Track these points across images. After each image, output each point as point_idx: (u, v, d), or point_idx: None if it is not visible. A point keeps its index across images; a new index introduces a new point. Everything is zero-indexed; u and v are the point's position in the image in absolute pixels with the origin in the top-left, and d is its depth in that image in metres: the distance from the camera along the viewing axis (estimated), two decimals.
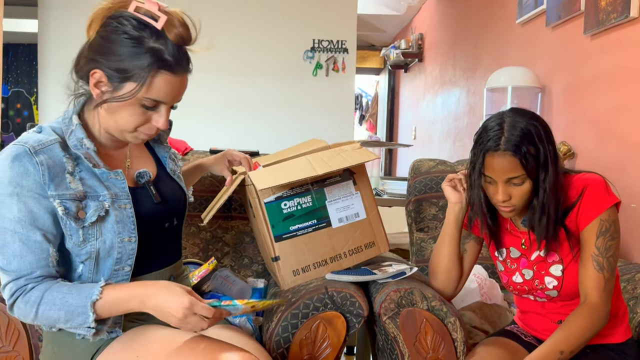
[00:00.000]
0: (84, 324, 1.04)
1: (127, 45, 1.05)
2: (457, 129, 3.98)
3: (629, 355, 1.27)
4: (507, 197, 1.22)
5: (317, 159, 1.44)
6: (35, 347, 1.26)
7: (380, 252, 1.54)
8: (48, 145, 1.07)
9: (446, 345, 1.27)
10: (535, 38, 2.71)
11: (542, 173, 1.20)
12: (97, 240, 1.10)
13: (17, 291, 1.04)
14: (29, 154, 1.04)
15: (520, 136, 1.18)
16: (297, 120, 4.07)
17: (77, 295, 1.05)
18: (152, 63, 1.05)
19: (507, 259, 1.36)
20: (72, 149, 1.10)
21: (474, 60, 3.70)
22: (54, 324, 1.07)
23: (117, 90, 1.07)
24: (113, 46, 1.05)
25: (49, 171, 1.05)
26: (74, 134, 1.11)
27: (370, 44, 6.87)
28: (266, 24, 4.01)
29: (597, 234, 1.20)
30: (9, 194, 1.03)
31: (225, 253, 1.82)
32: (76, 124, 1.12)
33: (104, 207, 1.10)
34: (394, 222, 2.51)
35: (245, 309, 1.09)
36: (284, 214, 1.44)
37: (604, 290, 1.19)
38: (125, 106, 1.08)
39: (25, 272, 1.04)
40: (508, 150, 1.18)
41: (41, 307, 1.04)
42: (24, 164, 1.03)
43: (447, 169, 1.98)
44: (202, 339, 1.09)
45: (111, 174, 1.13)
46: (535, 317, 1.36)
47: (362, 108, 7.50)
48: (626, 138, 1.90)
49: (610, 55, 2.04)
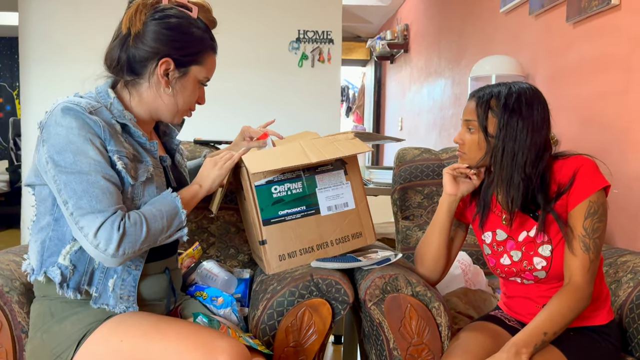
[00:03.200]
0: (180, 224, 1.18)
1: (189, 32, 1.19)
2: (443, 119, 3.99)
3: (611, 336, 1.29)
4: (460, 140, 1.34)
5: (311, 146, 1.44)
6: (19, 339, 1.25)
7: (366, 243, 1.54)
8: (98, 108, 1.14)
9: (431, 330, 1.28)
10: (519, 27, 2.72)
11: (501, 134, 1.25)
12: (140, 200, 1.17)
13: (121, 222, 1.07)
14: (85, 114, 1.09)
15: (491, 92, 1.28)
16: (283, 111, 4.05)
17: (164, 204, 1.17)
18: (207, 46, 1.23)
19: (494, 242, 1.37)
20: (117, 118, 1.17)
21: (458, 50, 3.71)
22: (158, 238, 1.14)
23: (184, 74, 1.21)
24: (179, 35, 1.18)
25: (108, 130, 1.12)
26: (114, 106, 1.18)
27: (356, 35, 6.86)
28: (251, 14, 3.98)
29: (585, 215, 1.22)
30: (82, 140, 1.07)
31: (211, 243, 1.82)
32: (113, 97, 1.19)
33: (149, 171, 1.18)
34: (381, 211, 2.52)
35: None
36: (273, 198, 1.44)
37: (589, 270, 1.21)
38: (188, 86, 1.23)
39: (118, 205, 1.09)
40: (474, 96, 1.31)
41: (150, 223, 1.11)
42: (84, 119, 1.09)
43: (432, 157, 1.99)
44: (187, 324, 1.10)
45: (149, 144, 1.23)
46: (521, 301, 1.38)
47: (349, 100, 7.49)
48: (609, 124, 1.92)
49: (593, 43, 2.05)
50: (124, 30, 1.17)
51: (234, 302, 1.43)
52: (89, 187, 1.06)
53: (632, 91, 1.82)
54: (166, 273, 1.28)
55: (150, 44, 1.17)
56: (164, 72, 1.19)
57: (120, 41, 1.19)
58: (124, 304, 1.17)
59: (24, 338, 1.25)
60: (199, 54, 1.22)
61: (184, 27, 1.19)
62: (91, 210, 1.05)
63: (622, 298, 1.41)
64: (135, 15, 1.16)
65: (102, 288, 1.16)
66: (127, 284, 1.17)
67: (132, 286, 1.18)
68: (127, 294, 1.17)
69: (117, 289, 1.16)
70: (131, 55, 1.18)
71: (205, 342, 1.03)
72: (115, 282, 1.16)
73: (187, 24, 1.20)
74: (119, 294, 1.16)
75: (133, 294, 1.18)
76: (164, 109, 1.24)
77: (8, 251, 1.45)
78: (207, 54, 1.23)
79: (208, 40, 1.24)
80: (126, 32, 1.17)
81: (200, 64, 1.23)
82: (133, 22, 1.16)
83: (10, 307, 1.25)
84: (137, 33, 1.16)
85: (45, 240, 1.17)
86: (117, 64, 1.19)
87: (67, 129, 1.07)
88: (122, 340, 1.07)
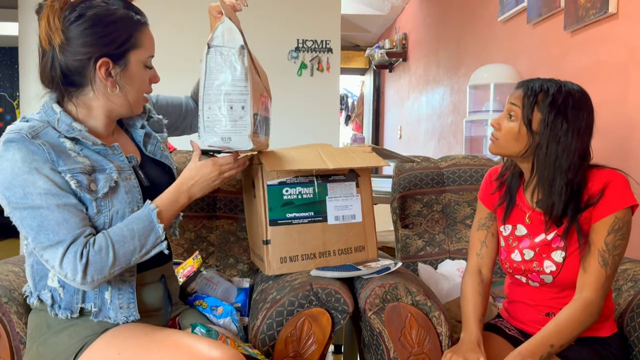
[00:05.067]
0: (157, 239, 1.12)
1: (112, 21, 1.10)
2: (442, 127, 4.00)
3: (613, 347, 1.29)
4: (497, 125, 1.29)
5: (328, 153, 1.45)
6: (17, 350, 1.24)
7: (368, 258, 1.54)
8: (42, 130, 1.08)
9: (431, 340, 1.28)
10: (517, 35, 2.74)
11: (545, 133, 1.21)
12: (110, 211, 1.12)
13: (84, 249, 1.03)
14: (27, 139, 1.04)
15: (541, 86, 1.23)
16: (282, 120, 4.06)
17: (138, 221, 1.11)
18: (134, 24, 1.13)
19: (511, 236, 1.35)
20: (65, 133, 1.11)
21: (457, 58, 3.72)
22: (131, 259, 1.09)
23: (125, 65, 1.13)
24: (103, 29, 1.09)
25: (53, 150, 1.05)
26: (61, 121, 1.12)
27: (355, 44, 6.89)
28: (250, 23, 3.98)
29: (609, 230, 1.19)
30: (28, 171, 1.02)
31: (210, 253, 1.81)
32: (59, 111, 1.12)
33: (112, 179, 1.13)
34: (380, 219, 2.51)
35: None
36: (284, 199, 1.44)
37: (602, 286, 1.19)
38: (134, 76, 1.15)
39: (78, 232, 1.04)
40: (522, 86, 1.26)
41: (116, 247, 1.06)
42: (27, 146, 1.03)
43: (431, 165, 1.99)
44: (185, 335, 1.09)
45: (109, 149, 1.17)
46: (523, 308, 1.37)
47: (348, 108, 7.52)
48: (606, 132, 1.92)
49: (590, 51, 2.06)
50: (45, 47, 1.09)
51: (234, 312, 1.43)
52: (44, 222, 1.02)
53: (630, 99, 1.82)
54: (162, 281, 1.27)
55: (79, 50, 1.08)
56: (105, 74, 1.11)
57: (48, 59, 1.10)
58: (124, 314, 1.15)
59: (22, 349, 1.24)
60: (132, 37, 1.12)
61: (104, 16, 1.09)
62: (50, 244, 1.03)
63: (622, 306, 1.41)
64: (50, 26, 1.06)
65: (100, 302, 1.15)
66: (124, 292, 1.16)
67: (130, 293, 1.17)
68: (126, 302, 1.16)
69: (115, 300, 1.15)
70: (64, 68, 1.10)
71: (201, 353, 1.03)
72: (112, 293, 1.15)
73: (105, 11, 1.09)
74: (117, 304, 1.15)
75: (133, 301, 1.17)
76: (119, 109, 1.18)
77: (7, 261, 1.44)
78: (139, 33, 1.14)
79: (134, 17, 1.13)
80: (49, 48, 1.09)
81: (138, 47, 1.14)
82: (50, 35, 1.07)
83: (8, 317, 1.25)
84: (61, 44, 1.07)
85: (34, 264, 1.17)
86: (52, 81, 1.12)
87: (11, 163, 1.02)
88: (119, 352, 1.06)
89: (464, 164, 1.98)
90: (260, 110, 1.28)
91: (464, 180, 1.95)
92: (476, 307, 1.32)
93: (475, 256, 1.41)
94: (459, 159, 2.02)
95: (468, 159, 2.01)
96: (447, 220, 1.95)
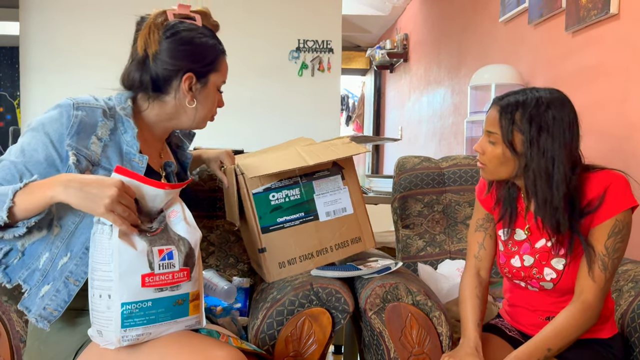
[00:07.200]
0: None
1: (201, 43, 1.22)
2: (443, 127, 4.00)
3: (614, 348, 1.28)
4: (481, 150, 1.26)
5: (307, 150, 1.45)
6: (17, 349, 1.24)
7: (366, 248, 1.54)
8: (92, 107, 1.14)
9: (432, 340, 1.27)
10: (518, 36, 2.74)
11: (530, 153, 1.17)
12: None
13: None
14: (70, 107, 1.11)
15: (516, 102, 1.19)
16: (283, 120, 4.07)
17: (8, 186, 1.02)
18: (219, 51, 1.27)
19: (510, 240, 1.34)
20: (122, 118, 1.17)
21: (458, 59, 3.72)
22: None
23: (205, 84, 1.24)
24: (194, 48, 1.21)
25: (78, 125, 1.10)
26: (126, 111, 1.19)
27: (355, 45, 6.89)
28: (251, 24, 4.00)
29: (609, 234, 1.18)
30: (32, 129, 1.10)
31: (210, 252, 1.81)
32: (129, 105, 1.20)
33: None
34: (381, 220, 2.51)
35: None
36: (271, 205, 1.44)
37: (602, 289, 1.18)
38: (209, 95, 1.26)
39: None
40: (496, 105, 1.22)
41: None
42: (61, 111, 1.11)
43: (432, 166, 1.99)
44: (187, 333, 1.09)
45: (137, 156, 1.17)
46: (523, 312, 1.36)
47: (348, 109, 7.51)
48: (607, 133, 1.92)
49: (591, 52, 2.06)
50: (140, 52, 1.19)
51: (233, 312, 1.43)
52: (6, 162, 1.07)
53: (631, 99, 1.82)
54: None
55: (171, 61, 1.19)
56: (188, 87, 1.21)
57: (138, 63, 1.21)
58: (42, 316, 1.08)
59: (22, 347, 1.24)
60: (215, 61, 1.25)
61: (195, 39, 1.22)
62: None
63: (623, 307, 1.40)
64: (150, 36, 1.18)
65: (35, 291, 1.09)
66: (59, 297, 1.09)
67: (63, 301, 1.09)
68: (53, 307, 1.08)
69: (46, 298, 1.09)
70: (154, 74, 1.20)
71: (203, 351, 1.03)
72: (48, 290, 1.09)
73: (197, 35, 1.22)
74: (45, 303, 1.08)
75: (60, 309, 1.08)
76: (186, 120, 1.27)
77: None
78: (220, 59, 1.27)
79: (218, 45, 1.27)
80: (143, 54, 1.19)
81: (217, 70, 1.26)
82: (149, 43, 1.18)
83: (8, 316, 1.24)
84: (155, 53, 1.19)
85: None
86: (140, 85, 1.21)
87: (49, 114, 1.12)
88: (119, 350, 1.06)
89: (464, 165, 1.98)
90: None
91: (464, 181, 1.95)
92: (475, 311, 1.31)
93: (473, 258, 1.40)
94: (460, 159, 2.01)
95: (469, 159, 2.01)
96: (447, 220, 1.94)
